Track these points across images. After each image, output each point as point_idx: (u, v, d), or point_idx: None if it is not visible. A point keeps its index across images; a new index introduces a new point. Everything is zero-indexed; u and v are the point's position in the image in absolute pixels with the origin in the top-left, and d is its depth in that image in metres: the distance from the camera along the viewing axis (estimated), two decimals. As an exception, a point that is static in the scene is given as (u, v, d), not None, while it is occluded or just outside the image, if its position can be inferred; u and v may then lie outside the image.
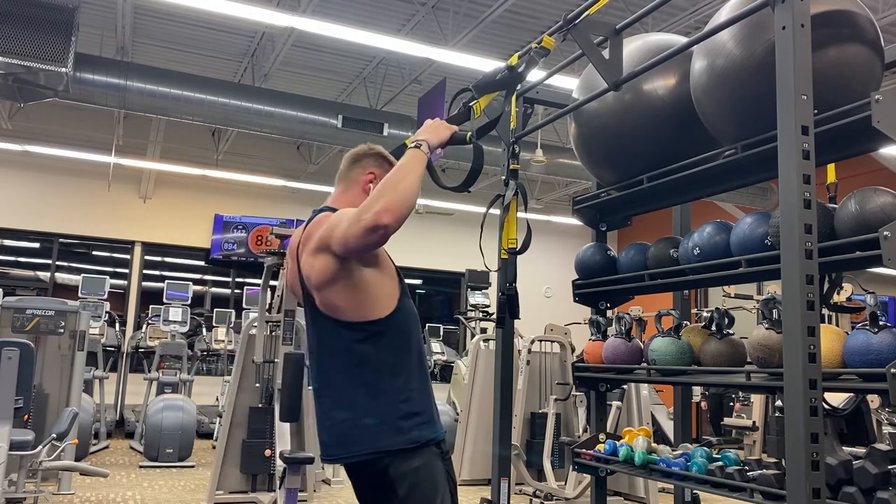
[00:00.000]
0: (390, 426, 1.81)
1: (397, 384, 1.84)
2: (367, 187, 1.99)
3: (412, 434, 1.82)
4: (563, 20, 2.40)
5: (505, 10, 7.36)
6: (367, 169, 2.03)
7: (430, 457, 1.84)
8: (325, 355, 1.92)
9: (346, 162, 2.08)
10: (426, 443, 1.84)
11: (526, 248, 2.72)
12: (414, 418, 1.84)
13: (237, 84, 9.16)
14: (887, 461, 1.84)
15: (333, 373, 1.89)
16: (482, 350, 7.11)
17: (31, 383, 4.40)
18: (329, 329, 1.89)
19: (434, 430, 1.88)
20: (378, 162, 2.04)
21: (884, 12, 6.77)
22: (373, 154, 2.06)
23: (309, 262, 1.88)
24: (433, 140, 1.92)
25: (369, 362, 1.84)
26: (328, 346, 1.91)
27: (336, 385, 1.88)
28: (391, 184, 1.77)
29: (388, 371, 1.84)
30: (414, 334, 1.94)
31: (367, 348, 1.84)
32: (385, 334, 1.86)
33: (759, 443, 7.21)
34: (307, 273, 1.89)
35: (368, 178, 2.01)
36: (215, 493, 5.27)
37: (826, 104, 1.87)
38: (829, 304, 2.30)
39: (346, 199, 1.99)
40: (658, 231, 2.83)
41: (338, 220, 1.83)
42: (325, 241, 1.83)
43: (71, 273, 11.38)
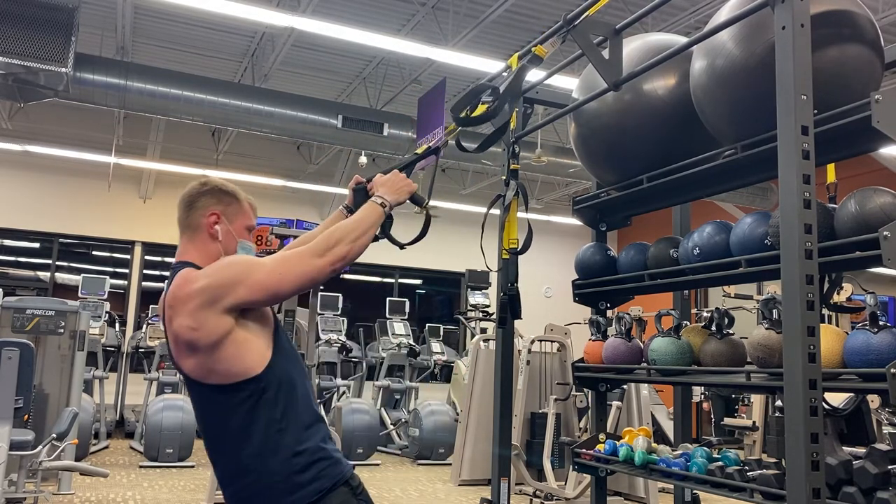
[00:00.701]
0: (290, 483, 1.70)
1: (287, 439, 1.72)
2: (214, 230, 1.84)
3: (314, 485, 1.71)
4: (563, 20, 2.41)
5: (505, 10, 7.36)
6: (208, 209, 1.85)
7: (342, 498, 1.74)
8: (210, 425, 1.79)
9: (182, 207, 1.88)
10: (332, 488, 1.74)
11: (527, 248, 2.72)
12: (312, 468, 1.73)
13: (237, 84, 9.17)
14: (887, 461, 1.84)
15: (220, 441, 1.77)
16: (482, 350, 7.11)
17: (31, 383, 4.40)
18: (207, 397, 1.76)
19: (338, 471, 1.76)
20: (217, 198, 1.87)
21: (884, 12, 6.77)
22: (207, 191, 1.87)
23: (188, 323, 1.68)
24: (392, 200, 1.91)
25: (253, 424, 1.71)
26: (210, 415, 1.78)
27: (225, 453, 1.77)
28: (351, 235, 1.75)
29: (275, 428, 1.72)
30: (295, 378, 1.79)
31: (248, 409, 1.71)
32: (266, 390, 1.71)
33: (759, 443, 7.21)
34: (187, 337, 1.69)
35: (212, 220, 1.84)
36: (215, 493, 5.27)
37: (826, 104, 1.87)
38: (829, 304, 2.30)
39: (197, 249, 1.84)
40: (658, 231, 2.83)
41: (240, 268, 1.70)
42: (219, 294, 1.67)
43: (71, 273, 11.38)
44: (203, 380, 1.73)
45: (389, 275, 13.41)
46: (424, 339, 10.66)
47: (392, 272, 13.36)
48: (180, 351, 1.73)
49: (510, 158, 2.90)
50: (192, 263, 1.80)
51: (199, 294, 1.67)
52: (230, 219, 1.87)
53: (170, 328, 1.73)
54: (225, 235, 1.85)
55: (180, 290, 1.70)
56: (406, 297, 10.77)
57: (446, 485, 6.79)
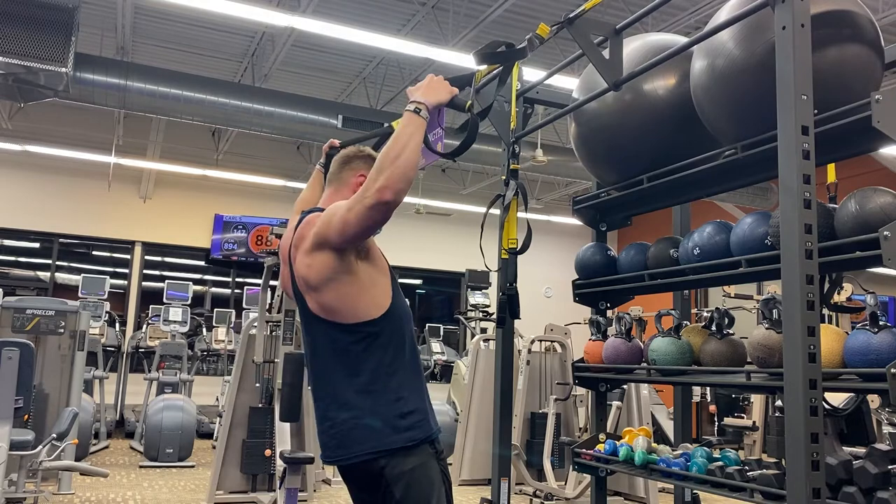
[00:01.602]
0: (388, 425, 1.81)
1: (392, 384, 1.84)
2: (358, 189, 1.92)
3: (408, 433, 1.82)
4: (563, 20, 2.40)
5: (505, 10, 7.36)
6: (358, 171, 2.02)
7: (425, 457, 1.85)
8: (321, 358, 1.92)
9: (336, 164, 2.08)
10: (421, 441, 1.84)
11: (526, 247, 2.72)
12: (409, 417, 1.84)
13: (237, 84, 9.16)
14: (887, 461, 1.84)
15: (330, 375, 1.89)
16: (482, 350, 7.11)
17: (31, 383, 4.40)
18: (324, 332, 1.89)
19: (429, 428, 1.88)
20: (368, 163, 2.01)
21: (884, 12, 6.77)
22: (363, 156, 2.06)
23: (305, 262, 1.86)
24: (431, 101, 1.87)
25: (365, 363, 1.84)
26: (323, 349, 1.90)
27: (333, 387, 1.88)
28: (390, 157, 1.73)
29: (384, 371, 1.84)
30: (408, 333, 1.94)
31: (363, 349, 1.84)
32: (380, 335, 1.85)
33: (759, 443, 7.21)
34: (303, 274, 1.87)
35: (358, 181, 1.98)
36: (215, 493, 5.27)
37: (826, 104, 1.87)
38: (829, 304, 2.30)
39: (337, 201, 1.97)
40: (658, 231, 2.83)
41: (332, 212, 1.83)
42: (322, 236, 1.81)
43: (71, 273, 11.38)
44: (325, 316, 1.86)
45: (389, 275, 13.39)
46: (424, 339, 10.65)
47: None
48: (303, 288, 1.89)
49: (510, 158, 2.90)
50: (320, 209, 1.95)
51: (312, 236, 1.84)
52: None
53: (293, 265, 1.92)
54: None
55: (303, 231, 1.89)
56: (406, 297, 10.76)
57: (446, 485, 6.79)
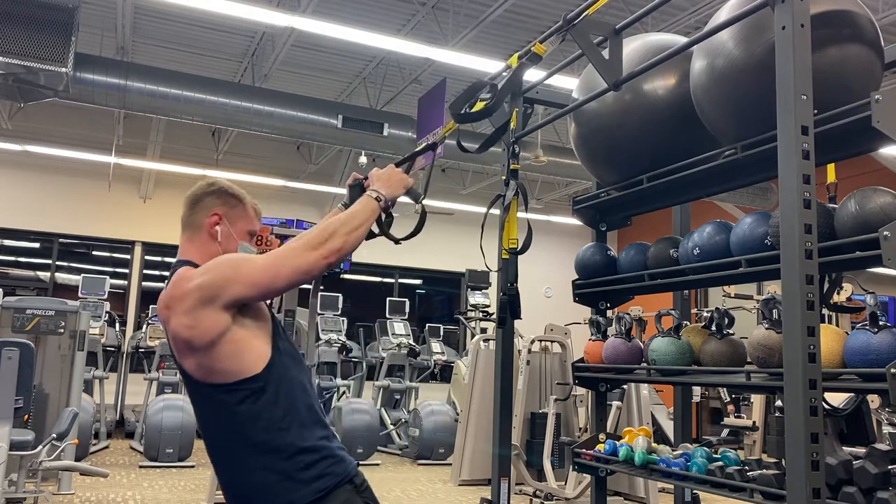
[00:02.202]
0: (293, 481, 1.70)
1: (289, 438, 1.71)
2: (214, 230, 1.85)
3: (318, 483, 1.70)
4: (563, 20, 2.40)
5: (505, 10, 7.36)
6: (211, 210, 1.86)
7: (345, 496, 1.73)
8: (210, 425, 1.79)
9: (186, 206, 1.89)
10: (336, 486, 1.73)
11: (527, 248, 2.72)
12: (315, 467, 1.72)
13: (237, 84, 9.16)
14: (887, 461, 1.84)
15: (221, 441, 1.77)
16: (482, 350, 7.11)
17: (31, 383, 4.40)
18: (207, 396, 1.75)
19: (342, 469, 1.75)
20: (222, 199, 1.88)
21: (884, 12, 6.77)
22: (213, 192, 1.89)
23: (185, 322, 1.67)
24: (388, 194, 1.88)
25: (255, 423, 1.70)
26: (210, 415, 1.78)
27: (227, 453, 1.77)
28: (347, 227, 1.73)
29: (276, 427, 1.71)
30: (295, 377, 1.78)
31: (250, 408, 1.70)
32: (266, 389, 1.70)
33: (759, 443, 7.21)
34: (185, 336, 1.68)
35: (213, 221, 1.85)
36: (215, 493, 5.27)
37: (826, 104, 1.87)
38: (829, 304, 2.30)
39: (196, 249, 1.84)
40: (658, 231, 2.83)
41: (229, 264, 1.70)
42: (215, 289, 1.66)
43: (71, 273, 11.38)
44: (203, 379, 1.72)
45: (389, 275, 13.41)
46: (424, 339, 10.65)
47: (392, 272, 13.36)
48: (179, 350, 1.73)
49: (510, 158, 2.89)
50: (191, 262, 1.79)
51: (195, 292, 1.67)
52: (232, 221, 1.87)
53: (168, 327, 1.72)
54: (225, 237, 1.85)
55: (177, 289, 1.70)
56: (406, 297, 10.77)
57: (446, 485, 6.79)
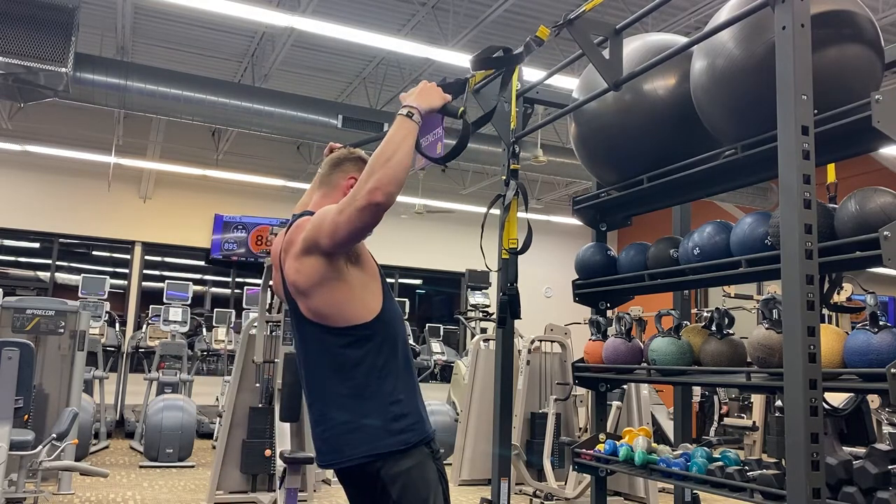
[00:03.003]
0: (381, 429, 1.81)
1: (386, 387, 1.83)
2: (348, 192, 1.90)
3: (403, 436, 1.82)
4: (563, 19, 2.40)
5: (505, 10, 7.36)
6: (349, 173, 2.01)
7: (421, 457, 1.84)
8: (313, 362, 1.91)
9: (327, 166, 2.06)
10: (417, 444, 1.84)
11: (527, 248, 2.72)
12: (403, 420, 1.83)
13: (237, 84, 9.17)
14: (887, 461, 1.84)
15: (322, 379, 1.88)
16: (482, 350, 7.11)
17: (31, 383, 4.40)
18: (315, 336, 1.87)
19: (424, 430, 1.87)
20: (359, 166, 2.00)
21: (884, 12, 6.77)
22: (353, 158, 2.05)
23: (294, 266, 1.84)
24: (423, 105, 1.88)
25: (357, 367, 1.82)
26: (315, 353, 1.89)
27: (325, 391, 1.87)
28: (381, 159, 1.73)
29: (376, 375, 1.83)
30: (400, 335, 1.91)
31: (354, 353, 1.82)
32: (371, 338, 1.84)
33: (759, 443, 7.21)
34: (293, 279, 1.85)
35: (349, 184, 1.96)
36: (215, 493, 5.27)
37: (826, 104, 1.87)
38: (829, 304, 2.30)
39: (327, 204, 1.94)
40: (658, 231, 2.83)
41: (322, 216, 1.80)
42: (311, 240, 1.79)
43: (71, 273, 11.38)
44: (313, 319, 1.84)
45: (389, 275, 13.39)
46: (424, 339, 10.65)
47: (392, 272, 13.35)
48: (292, 291, 1.87)
49: (510, 158, 2.90)
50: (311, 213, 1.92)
51: (301, 241, 1.82)
52: None
53: (283, 270, 1.89)
54: None
55: (293, 235, 1.87)
56: (406, 297, 10.78)
57: (446, 485, 6.79)
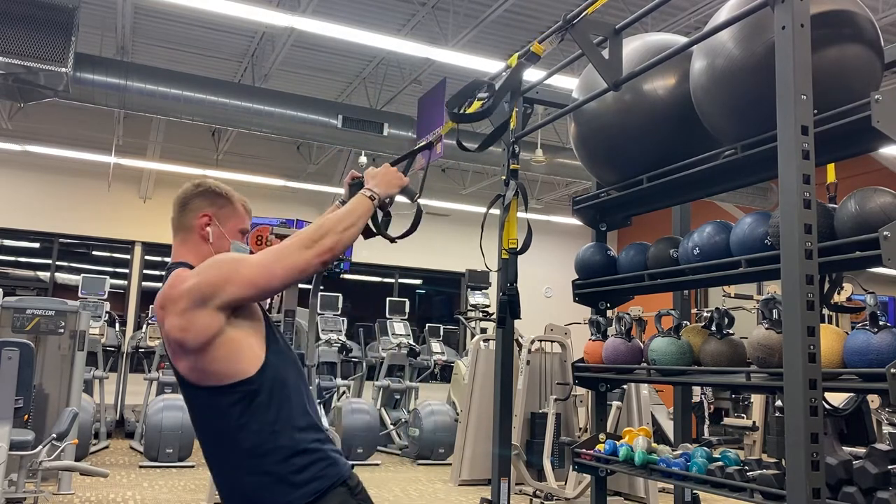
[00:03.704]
0: (287, 484, 1.70)
1: (282, 441, 1.72)
2: (205, 231, 1.85)
3: (311, 486, 1.71)
4: (563, 20, 2.40)
5: (505, 10, 7.36)
6: (201, 211, 1.86)
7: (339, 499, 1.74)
8: (204, 427, 1.79)
9: (175, 208, 1.90)
10: (330, 488, 1.73)
11: (526, 248, 2.72)
12: (309, 469, 1.72)
13: (237, 84, 9.17)
14: (887, 461, 1.84)
15: (216, 443, 1.77)
16: (482, 350, 7.11)
17: (31, 383, 4.40)
18: (201, 398, 1.75)
19: (335, 470, 1.76)
20: (210, 199, 1.88)
21: (884, 12, 6.77)
22: (200, 192, 1.89)
23: (178, 324, 1.67)
24: (383, 192, 1.88)
25: (248, 426, 1.70)
26: (204, 417, 1.78)
27: (221, 455, 1.78)
28: (340, 226, 1.72)
29: (269, 430, 1.71)
30: (289, 379, 1.78)
31: (243, 410, 1.70)
32: (259, 392, 1.70)
33: (759, 443, 7.21)
34: (177, 338, 1.68)
35: (204, 222, 1.85)
36: (215, 493, 5.26)
37: (826, 104, 1.87)
38: (829, 304, 2.30)
39: (189, 251, 1.85)
40: (658, 231, 2.83)
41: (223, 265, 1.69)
42: (209, 292, 1.65)
43: (71, 273, 11.38)
44: (197, 382, 1.72)
45: (389, 275, 13.41)
46: (424, 339, 10.65)
47: (392, 272, 13.36)
48: (174, 351, 1.73)
49: (510, 158, 2.90)
50: (186, 264, 1.79)
51: (189, 293, 1.66)
52: (222, 221, 1.87)
53: (162, 329, 1.72)
54: (216, 237, 1.85)
55: (171, 290, 1.69)
56: (406, 297, 10.77)
57: (446, 485, 6.79)
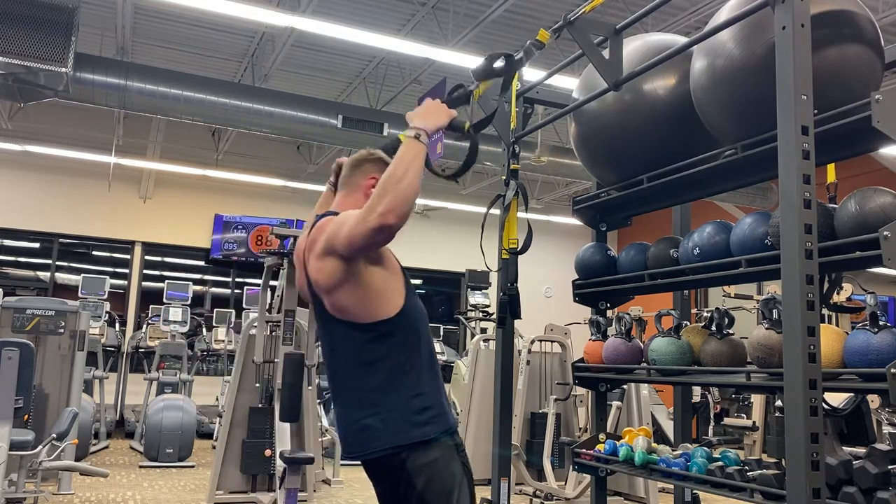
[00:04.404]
0: (405, 422, 1.86)
1: (409, 381, 1.89)
2: (369, 192, 1.97)
3: (426, 427, 1.87)
4: (563, 20, 2.40)
5: (505, 10, 7.36)
6: (369, 174, 2.06)
7: (445, 450, 1.89)
8: (338, 357, 1.97)
9: (348, 167, 2.13)
10: (439, 435, 1.89)
11: (527, 247, 2.72)
12: (426, 412, 1.89)
13: (237, 84, 9.16)
14: (887, 461, 1.84)
15: (347, 374, 1.94)
16: (482, 350, 7.11)
17: (31, 383, 4.40)
18: (340, 332, 1.94)
19: (446, 422, 1.93)
20: (379, 167, 2.05)
21: (884, 12, 6.77)
22: (373, 159, 2.11)
23: (316, 266, 1.91)
24: (430, 126, 1.89)
25: (381, 361, 1.88)
26: (340, 349, 1.96)
27: (350, 385, 1.94)
28: (392, 181, 1.76)
29: (400, 369, 1.89)
30: (422, 331, 1.98)
31: (378, 348, 1.88)
32: (394, 333, 1.89)
33: (759, 443, 7.21)
34: (315, 278, 1.92)
35: (370, 183, 2.03)
36: (215, 493, 5.27)
37: (826, 104, 1.88)
38: (829, 304, 2.30)
39: (349, 204, 2.03)
40: (658, 231, 2.83)
41: (341, 221, 1.86)
42: (330, 243, 1.86)
43: (71, 273, 11.38)
44: (340, 316, 1.90)
45: (389, 275, 13.38)
46: (425, 338, 10.63)
47: (392, 272, 13.34)
48: (317, 289, 1.94)
49: (510, 158, 2.90)
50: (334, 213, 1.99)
51: (323, 242, 1.88)
52: None
53: (306, 268, 1.97)
54: None
55: (315, 235, 1.94)
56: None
57: (446, 485, 6.78)
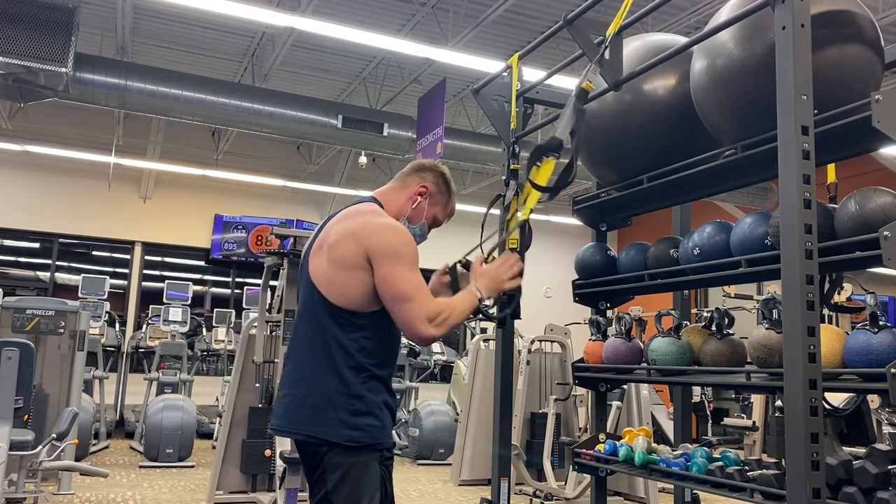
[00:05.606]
0: (337, 418, 1.83)
1: (357, 379, 1.86)
2: (415, 197, 2.10)
3: (353, 433, 1.83)
4: (563, 20, 2.40)
5: (505, 10, 7.36)
6: (424, 181, 2.13)
7: (367, 457, 1.85)
8: (304, 324, 1.97)
9: (411, 167, 2.19)
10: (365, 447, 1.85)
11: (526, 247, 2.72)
12: (362, 418, 1.84)
13: (237, 84, 9.16)
14: (887, 461, 1.84)
15: (307, 344, 1.93)
16: (482, 350, 7.11)
17: (31, 383, 4.40)
18: (315, 300, 1.94)
19: (379, 437, 1.89)
20: (436, 180, 2.15)
21: (884, 12, 6.77)
22: (435, 171, 2.17)
23: (334, 238, 1.92)
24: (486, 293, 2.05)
25: (341, 346, 1.86)
26: (310, 317, 1.95)
27: (303, 356, 1.93)
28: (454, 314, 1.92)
29: (354, 362, 1.86)
30: (390, 345, 1.97)
31: (343, 333, 1.87)
32: (364, 328, 1.90)
33: (759, 443, 7.21)
34: (332, 241, 1.93)
35: (420, 190, 2.11)
36: (215, 493, 5.27)
37: (826, 104, 1.87)
38: (829, 304, 2.30)
39: (392, 198, 2.11)
40: (658, 231, 2.83)
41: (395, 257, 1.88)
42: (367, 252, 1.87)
43: (71, 273, 11.39)
44: (318, 285, 1.92)
45: (389, 275, 13.38)
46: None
47: (392, 272, 13.34)
48: (320, 248, 1.95)
49: (510, 158, 2.90)
50: (376, 200, 2.08)
51: (359, 227, 1.91)
52: (432, 200, 2.15)
53: (328, 234, 1.97)
54: (418, 207, 2.12)
55: (355, 210, 1.99)
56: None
57: (446, 485, 6.79)
